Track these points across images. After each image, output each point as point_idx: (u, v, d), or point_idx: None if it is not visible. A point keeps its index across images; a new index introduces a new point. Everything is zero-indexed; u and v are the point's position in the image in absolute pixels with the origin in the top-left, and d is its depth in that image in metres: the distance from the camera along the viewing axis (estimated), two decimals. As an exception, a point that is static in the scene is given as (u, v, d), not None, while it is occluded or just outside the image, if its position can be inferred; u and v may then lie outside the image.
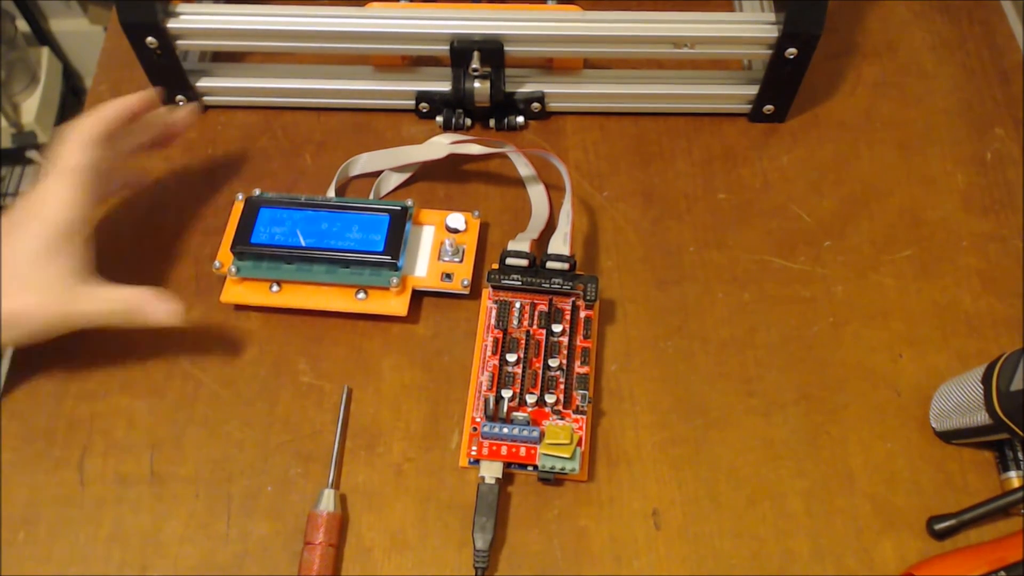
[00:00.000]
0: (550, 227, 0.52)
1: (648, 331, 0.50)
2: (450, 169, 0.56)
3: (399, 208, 0.50)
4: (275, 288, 0.49)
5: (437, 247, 0.51)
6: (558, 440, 0.43)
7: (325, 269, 0.49)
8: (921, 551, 0.44)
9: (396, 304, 0.49)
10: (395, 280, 0.49)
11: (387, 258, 0.49)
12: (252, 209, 0.50)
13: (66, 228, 0.44)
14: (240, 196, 0.53)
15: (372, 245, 0.49)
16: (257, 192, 0.52)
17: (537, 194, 0.54)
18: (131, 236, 0.54)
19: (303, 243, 0.49)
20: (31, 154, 1.33)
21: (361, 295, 0.49)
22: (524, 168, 0.55)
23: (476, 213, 0.52)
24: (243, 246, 0.49)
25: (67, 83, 1.36)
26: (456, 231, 0.52)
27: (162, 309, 0.45)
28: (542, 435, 0.44)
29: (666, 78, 0.57)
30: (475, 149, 0.54)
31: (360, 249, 0.49)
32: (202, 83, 0.57)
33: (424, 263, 0.51)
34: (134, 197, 0.55)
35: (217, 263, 0.50)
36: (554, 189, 0.54)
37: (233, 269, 0.49)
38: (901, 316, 0.51)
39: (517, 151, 0.55)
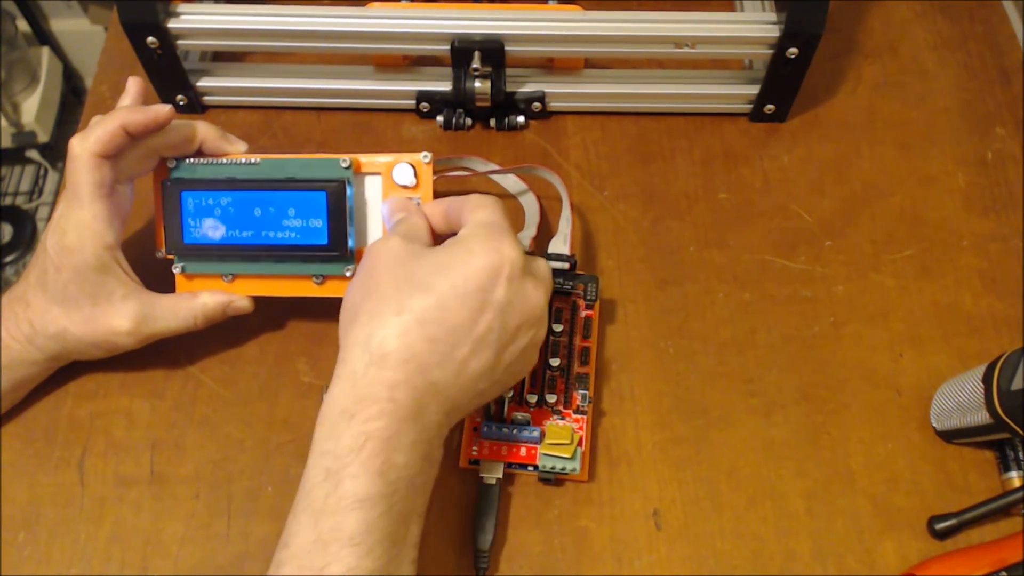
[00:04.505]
0: (546, 233, 0.52)
1: (648, 331, 0.50)
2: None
3: (335, 182, 0.45)
4: (228, 279, 0.47)
5: None
6: (558, 440, 0.43)
7: (273, 262, 0.46)
8: (922, 551, 0.44)
9: None
10: (349, 270, 0.46)
11: (334, 253, 0.45)
12: (173, 196, 0.46)
13: (97, 262, 0.44)
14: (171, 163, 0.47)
15: (314, 236, 0.45)
16: (172, 164, 0.46)
17: (529, 203, 0.53)
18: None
19: (240, 238, 0.46)
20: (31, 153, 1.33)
21: (318, 280, 0.47)
22: (513, 186, 0.54)
23: (426, 157, 0.46)
24: (179, 248, 0.46)
25: (67, 83, 1.36)
26: (406, 187, 0.46)
27: (243, 303, 0.47)
28: (542, 435, 0.44)
29: (667, 78, 0.57)
30: (459, 174, 0.53)
31: (303, 243, 0.45)
32: (202, 83, 0.57)
33: (378, 227, 0.47)
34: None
35: (160, 252, 0.48)
36: (555, 190, 0.54)
37: (178, 267, 0.47)
38: (902, 316, 0.51)
39: (504, 172, 0.53)
